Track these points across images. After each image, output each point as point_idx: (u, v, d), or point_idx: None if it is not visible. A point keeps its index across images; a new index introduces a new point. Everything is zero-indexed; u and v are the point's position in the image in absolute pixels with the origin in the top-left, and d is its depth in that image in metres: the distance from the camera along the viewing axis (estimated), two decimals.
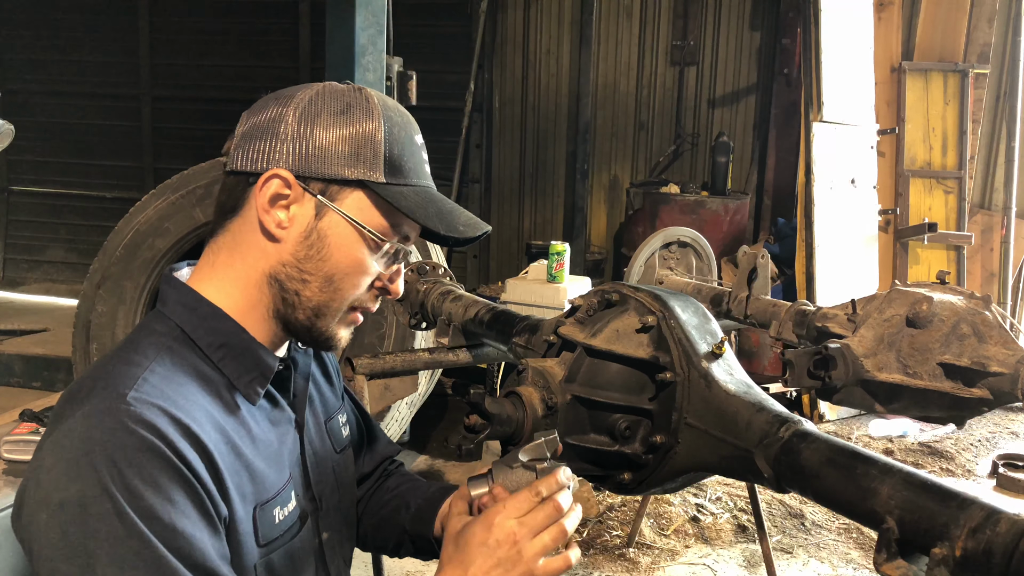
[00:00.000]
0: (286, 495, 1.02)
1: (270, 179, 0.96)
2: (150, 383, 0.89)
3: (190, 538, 0.84)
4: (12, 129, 3.13)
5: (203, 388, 0.95)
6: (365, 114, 0.98)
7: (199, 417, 0.91)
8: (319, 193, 0.97)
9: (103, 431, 0.84)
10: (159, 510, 0.83)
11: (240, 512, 0.93)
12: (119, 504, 0.81)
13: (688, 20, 6.26)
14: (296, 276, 0.99)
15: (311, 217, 0.97)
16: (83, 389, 0.89)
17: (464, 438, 1.11)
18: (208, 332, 0.98)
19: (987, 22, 5.37)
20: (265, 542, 0.98)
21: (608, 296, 1.19)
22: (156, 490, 0.83)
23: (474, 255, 6.85)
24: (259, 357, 1.00)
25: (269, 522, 0.98)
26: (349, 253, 0.99)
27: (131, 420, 0.84)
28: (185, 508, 0.85)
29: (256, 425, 1.00)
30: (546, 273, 3.90)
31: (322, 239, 0.98)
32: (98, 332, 3.53)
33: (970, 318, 1.58)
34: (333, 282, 0.99)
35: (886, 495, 0.82)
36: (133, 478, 0.82)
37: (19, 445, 2.13)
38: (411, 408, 3.76)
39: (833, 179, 4.89)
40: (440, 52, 6.53)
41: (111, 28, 7.22)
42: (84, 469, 0.82)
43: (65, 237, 7.61)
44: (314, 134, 0.96)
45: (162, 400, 0.88)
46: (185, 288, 1.00)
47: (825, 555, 3.46)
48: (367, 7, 3.76)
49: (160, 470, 0.84)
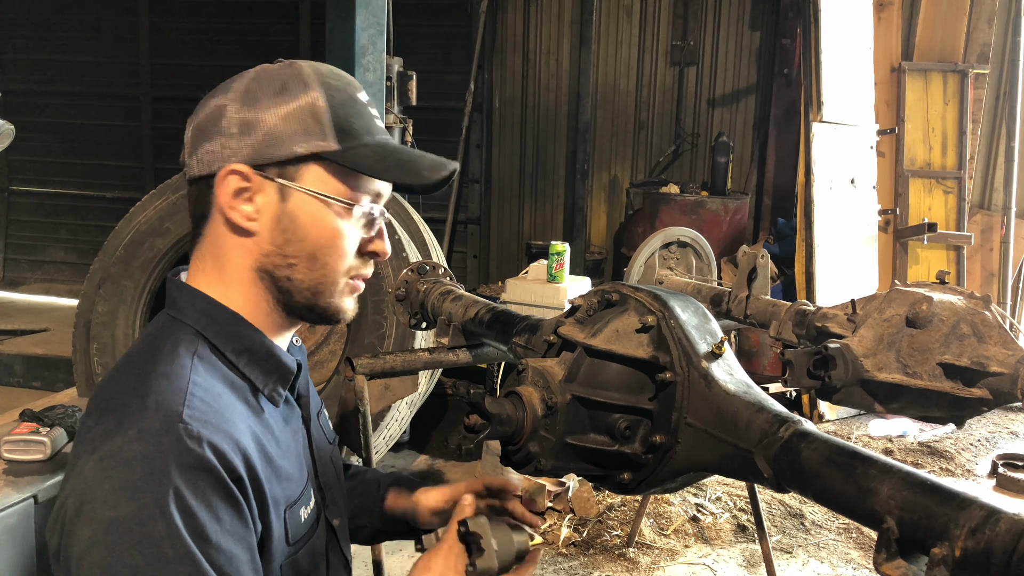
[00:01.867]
0: (308, 494, 1.04)
1: (226, 176, 0.96)
2: (198, 398, 0.89)
3: (231, 557, 0.85)
4: (12, 129, 3.13)
5: (235, 395, 0.96)
6: (302, 87, 0.97)
7: (242, 428, 0.92)
8: (278, 177, 0.96)
9: (161, 450, 0.83)
10: (209, 530, 0.83)
11: (274, 518, 0.94)
12: (174, 526, 0.81)
13: (688, 20, 6.26)
14: (282, 263, 0.98)
15: (276, 202, 0.97)
16: (129, 405, 0.87)
17: (464, 438, 1.11)
18: (230, 338, 0.98)
19: (987, 22, 5.37)
20: (293, 541, 0.99)
21: (608, 296, 1.19)
22: (209, 510, 0.84)
23: (474, 255, 6.85)
24: (279, 360, 1.01)
25: (296, 522, 1.00)
26: (324, 226, 0.98)
27: (188, 438, 0.84)
28: (231, 527, 0.86)
29: (276, 426, 1.01)
30: (546, 273, 3.90)
31: (294, 220, 0.97)
32: (98, 332, 3.53)
33: (970, 318, 1.58)
34: (318, 259, 0.99)
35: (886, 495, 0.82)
36: (190, 498, 0.82)
37: (19, 445, 2.13)
38: (411, 408, 3.77)
39: (833, 179, 4.89)
40: (440, 52, 6.54)
41: (111, 28, 7.22)
42: (141, 489, 0.81)
43: (65, 237, 7.61)
44: (258, 120, 0.95)
45: (214, 417, 0.88)
46: (199, 294, 1.00)
47: (825, 555, 3.46)
48: (367, 7, 3.77)
49: (214, 490, 0.84)
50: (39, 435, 2.13)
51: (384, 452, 3.86)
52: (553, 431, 1.09)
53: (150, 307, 3.59)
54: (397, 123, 4.17)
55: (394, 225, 3.43)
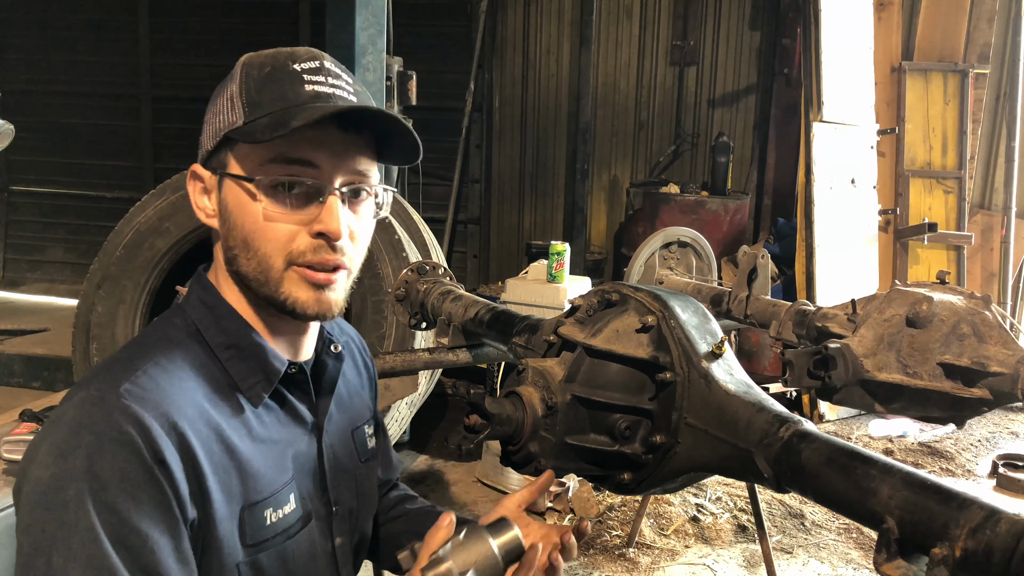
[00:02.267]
0: (282, 497, 1.01)
1: (191, 177, 1.01)
2: (148, 375, 0.90)
3: (145, 537, 0.84)
4: (12, 129, 3.13)
5: (207, 385, 0.96)
6: (229, 78, 0.98)
7: (191, 414, 0.91)
8: (217, 168, 0.98)
9: (90, 418, 0.85)
10: (120, 505, 0.83)
11: (221, 511, 0.93)
12: (82, 493, 0.82)
13: (688, 20, 6.26)
14: (230, 255, 0.98)
15: (218, 194, 0.99)
16: (89, 375, 0.92)
17: (464, 438, 1.11)
18: (220, 332, 0.99)
19: (987, 22, 5.37)
20: (252, 542, 0.97)
21: (608, 296, 1.19)
22: (122, 484, 0.84)
23: (474, 255, 6.85)
24: (266, 360, 1.00)
25: (258, 523, 0.97)
26: (245, 210, 0.95)
27: (117, 411, 0.85)
28: (148, 507, 0.85)
29: (261, 426, 1.00)
30: (546, 273, 3.90)
31: (226, 208, 0.97)
32: (98, 332, 3.53)
33: (970, 318, 1.58)
34: (250, 245, 0.95)
35: (886, 495, 0.82)
36: (104, 469, 0.83)
37: (19, 445, 2.12)
38: (411, 408, 3.76)
39: (833, 179, 4.89)
40: (440, 52, 6.53)
41: (111, 28, 7.22)
42: (64, 453, 0.84)
43: (65, 237, 7.61)
44: (206, 120, 1.00)
45: (156, 395, 0.89)
46: (211, 287, 1.02)
47: (825, 555, 3.46)
48: (367, 7, 3.77)
49: (132, 465, 0.84)
50: None
51: None
52: (553, 431, 1.09)
53: (150, 307, 3.59)
54: None
55: (393, 225, 3.43)
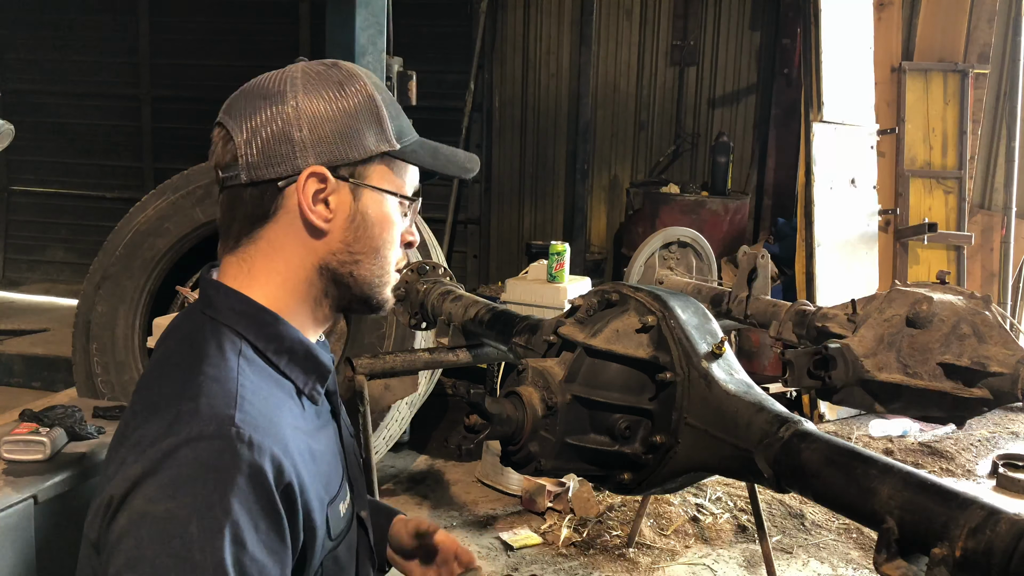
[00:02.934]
0: (344, 489, 1.05)
1: (309, 178, 0.97)
2: (248, 401, 0.89)
3: (262, 568, 0.84)
4: (12, 129, 3.13)
5: (282, 395, 0.96)
6: (360, 87, 1.00)
7: (290, 434, 0.92)
8: (350, 177, 0.99)
9: (215, 455, 0.83)
10: (246, 537, 0.82)
11: (318, 516, 0.94)
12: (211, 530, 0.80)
13: (688, 20, 6.26)
14: (349, 260, 1.01)
15: (350, 202, 1.00)
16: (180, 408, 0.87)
17: (464, 438, 1.11)
18: (272, 339, 0.98)
19: (987, 22, 5.37)
20: (335, 536, 1.01)
21: (608, 296, 1.19)
22: (249, 517, 0.83)
23: (474, 255, 6.85)
24: (317, 359, 1.02)
25: (336, 517, 1.01)
26: (387, 223, 1.03)
27: (243, 445, 0.84)
28: (267, 539, 0.85)
29: (316, 424, 1.02)
30: (546, 273, 3.90)
31: (365, 218, 1.01)
32: (98, 332, 3.53)
33: (970, 318, 1.58)
34: (380, 253, 1.03)
35: (886, 495, 0.82)
36: (234, 504, 0.82)
37: (19, 445, 2.12)
38: (411, 408, 3.77)
39: (833, 179, 4.89)
40: (440, 52, 6.53)
41: (111, 28, 7.22)
42: (187, 489, 0.81)
43: (65, 237, 7.61)
44: (327, 122, 0.97)
45: (264, 421, 0.88)
46: (238, 295, 0.99)
47: (825, 555, 3.46)
48: (367, 7, 3.77)
49: (258, 498, 0.84)
50: (39, 435, 2.12)
51: (384, 452, 3.86)
52: (553, 431, 1.09)
53: (150, 307, 3.59)
54: None
55: None
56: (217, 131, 1.01)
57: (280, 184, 0.97)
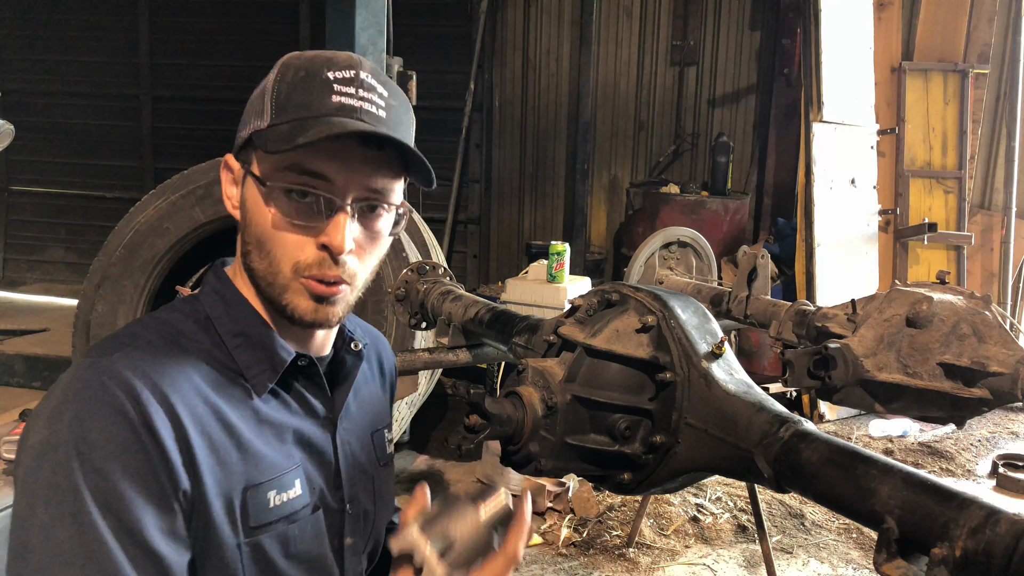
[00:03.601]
0: (287, 480, 1.00)
1: (222, 168, 1.02)
2: (143, 349, 0.92)
3: (129, 501, 0.84)
4: (12, 129, 3.14)
5: (212, 369, 0.96)
6: (268, 74, 0.98)
7: (184, 388, 0.91)
8: (244, 164, 0.98)
9: (81, 383, 0.87)
10: (106, 468, 0.84)
11: (215, 489, 0.92)
12: (69, 455, 0.83)
13: (688, 20, 6.26)
14: (246, 250, 0.99)
15: (240, 187, 1.00)
16: (90, 348, 0.95)
17: (464, 438, 1.11)
18: (230, 320, 1.00)
19: (987, 22, 5.37)
20: (256, 523, 0.96)
21: (608, 296, 1.19)
22: (108, 447, 0.84)
23: (474, 255, 6.85)
24: (273, 350, 1.00)
25: (261, 504, 0.97)
26: (261, 211, 0.95)
27: (107, 376, 0.87)
28: (134, 471, 0.85)
29: (267, 413, 1.00)
30: (546, 273, 3.90)
31: (246, 204, 0.98)
32: (98, 332, 3.53)
33: (970, 318, 1.58)
34: (264, 245, 0.96)
35: (886, 495, 0.82)
36: (91, 432, 0.84)
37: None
38: (411, 408, 3.76)
39: (833, 179, 4.89)
40: (440, 52, 6.53)
41: (111, 28, 7.22)
42: (55, 417, 0.85)
43: (65, 237, 7.61)
44: (245, 112, 1.00)
45: (147, 365, 0.90)
46: (225, 278, 1.03)
47: (825, 555, 3.46)
48: (367, 7, 3.77)
49: (120, 429, 0.85)
50: None
51: None
52: (553, 431, 1.09)
53: (150, 307, 3.59)
54: None
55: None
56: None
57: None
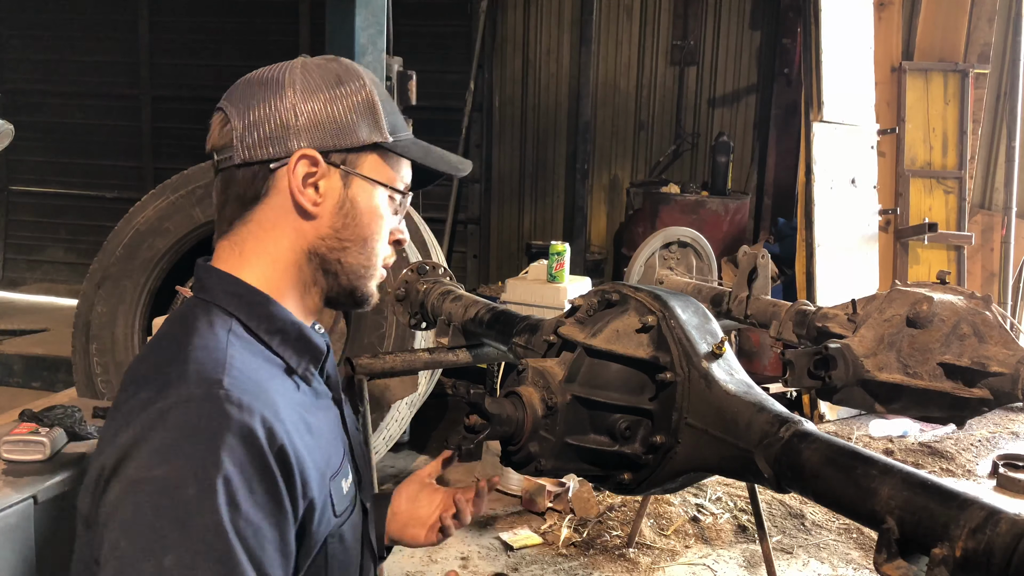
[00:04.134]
0: (346, 467, 1.06)
1: (300, 160, 0.99)
2: (237, 368, 0.90)
3: (257, 530, 0.84)
4: (12, 129, 3.14)
5: (271, 371, 0.97)
6: (358, 81, 1.03)
7: (280, 401, 0.92)
8: (341, 164, 1.01)
9: (204, 417, 0.84)
10: (241, 498, 0.82)
11: (316, 488, 0.94)
12: (208, 492, 0.80)
13: (688, 20, 6.26)
14: (337, 246, 1.02)
15: (340, 188, 1.01)
16: (168, 375, 0.88)
17: (464, 438, 1.11)
18: (263, 319, 0.99)
19: (987, 22, 5.37)
20: (339, 513, 1.01)
21: (608, 296, 1.19)
22: (244, 478, 0.83)
23: (474, 255, 6.85)
24: (310, 340, 1.03)
25: (340, 493, 1.02)
26: (376, 213, 1.04)
27: (232, 406, 0.85)
28: (263, 500, 0.85)
29: (313, 400, 1.03)
30: (546, 273, 3.90)
31: (354, 206, 1.02)
32: (98, 332, 3.53)
33: (970, 318, 1.58)
34: (368, 244, 1.04)
35: (886, 495, 0.82)
36: (229, 466, 0.82)
37: (19, 445, 2.12)
38: (411, 408, 3.76)
39: (833, 179, 4.88)
40: (440, 52, 6.53)
41: (111, 28, 7.22)
42: (179, 452, 0.81)
43: (65, 237, 7.60)
44: (322, 110, 1.00)
45: (253, 387, 0.89)
46: (229, 276, 1.01)
47: (825, 555, 3.46)
48: (367, 7, 3.76)
49: (252, 460, 0.84)
50: (38, 435, 2.12)
51: (384, 452, 3.86)
52: (553, 431, 1.09)
53: (150, 307, 3.59)
54: None
55: None
56: (216, 116, 1.03)
57: (272, 166, 0.99)
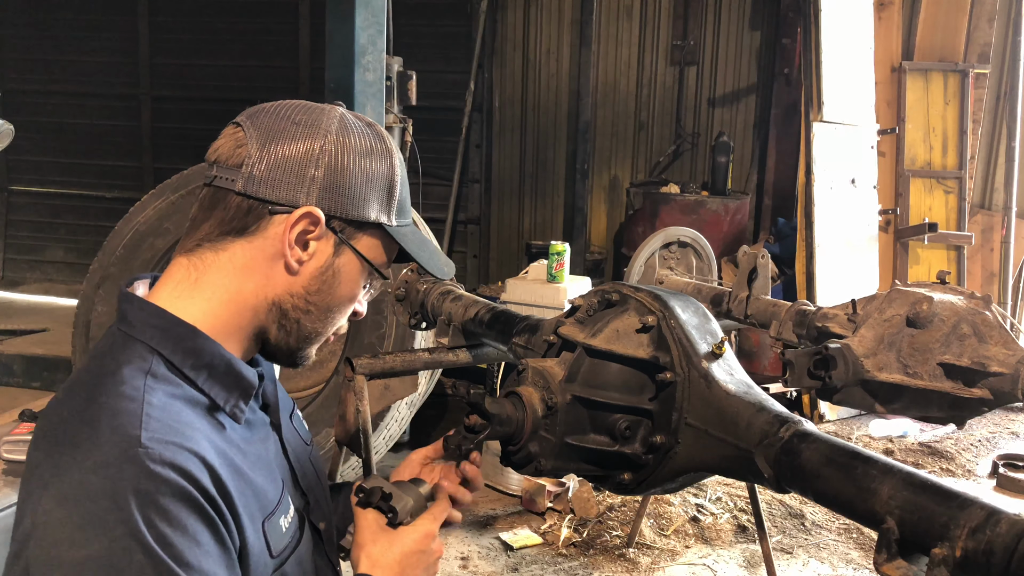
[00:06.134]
0: (286, 502, 1.02)
1: (303, 216, 0.96)
2: (155, 418, 0.85)
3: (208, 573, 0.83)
4: (12, 129, 3.14)
5: (195, 412, 0.92)
6: (384, 157, 1.02)
7: (205, 446, 0.88)
8: (340, 232, 1.00)
9: (127, 481, 0.80)
10: (188, 555, 0.81)
11: (250, 533, 0.92)
12: (155, 556, 0.79)
13: (688, 20, 6.26)
14: (302, 307, 1.00)
15: (330, 254, 1.00)
16: (80, 434, 0.84)
17: (464, 438, 1.11)
18: (188, 354, 0.93)
19: (987, 22, 5.37)
20: (277, 553, 0.97)
21: (608, 296, 1.19)
22: (184, 534, 0.82)
23: (474, 255, 6.85)
24: (240, 375, 0.98)
25: (277, 533, 0.98)
26: (352, 288, 1.04)
27: (155, 464, 0.81)
28: (211, 548, 0.84)
29: (242, 439, 0.98)
30: (546, 273, 3.90)
31: (336, 275, 1.01)
32: (98, 332, 3.53)
33: (970, 318, 1.58)
34: (331, 312, 1.03)
35: (886, 495, 0.82)
36: (164, 526, 0.80)
37: (19, 445, 2.12)
38: (411, 408, 3.76)
39: (833, 179, 4.88)
40: (440, 52, 6.53)
41: (111, 28, 7.22)
42: (110, 523, 0.78)
43: (65, 237, 7.61)
44: (344, 175, 0.98)
45: (175, 436, 0.85)
46: (153, 308, 0.95)
47: (825, 555, 3.46)
48: (367, 7, 3.76)
49: (188, 512, 0.83)
50: None
51: (384, 452, 3.86)
52: (553, 431, 1.09)
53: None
54: (397, 123, 4.17)
55: None
56: (232, 129, 0.99)
57: (271, 208, 0.96)
